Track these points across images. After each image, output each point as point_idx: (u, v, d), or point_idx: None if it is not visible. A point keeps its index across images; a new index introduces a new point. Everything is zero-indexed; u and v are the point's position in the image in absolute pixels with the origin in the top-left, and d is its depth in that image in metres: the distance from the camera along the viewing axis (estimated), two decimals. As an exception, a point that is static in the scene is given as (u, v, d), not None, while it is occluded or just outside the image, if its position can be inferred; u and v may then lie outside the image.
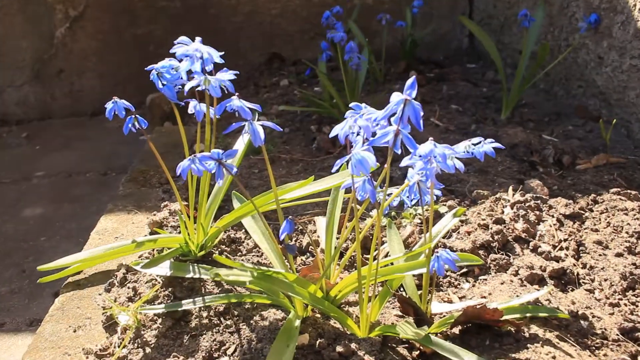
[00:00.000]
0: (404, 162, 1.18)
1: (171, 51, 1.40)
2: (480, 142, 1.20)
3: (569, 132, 2.76)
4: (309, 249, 1.79)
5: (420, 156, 1.10)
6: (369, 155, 1.10)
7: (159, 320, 1.42)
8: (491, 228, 1.78)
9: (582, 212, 1.91)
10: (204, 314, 1.44)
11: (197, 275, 1.46)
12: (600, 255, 1.69)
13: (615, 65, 2.67)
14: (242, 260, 1.72)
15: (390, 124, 1.10)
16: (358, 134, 1.27)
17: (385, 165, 1.14)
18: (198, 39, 1.40)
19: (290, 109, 3.01)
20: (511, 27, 3.62)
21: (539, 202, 1.93)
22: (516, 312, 1.38)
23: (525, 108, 3.11)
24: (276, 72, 3.86)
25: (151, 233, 1.83)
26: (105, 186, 3.01)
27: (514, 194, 2.00)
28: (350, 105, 1.27)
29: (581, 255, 1.72)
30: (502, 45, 3.69)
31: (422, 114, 1.08)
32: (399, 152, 1.10)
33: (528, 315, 1.39)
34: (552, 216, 1.88)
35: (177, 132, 2.36)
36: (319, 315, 1.44)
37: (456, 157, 1.17)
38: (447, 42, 4.19)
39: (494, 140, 1.21)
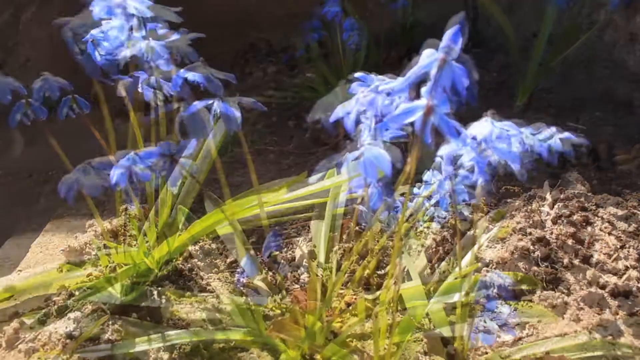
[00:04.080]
0: (444, 150, 0.81)
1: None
2: (553, 136, 0.85)
3: (597, 119, 2.42)
4: (304, 263, 1.44)
5: (473, 139, 0.73)
6: (382, 154, 0.71)
7: (104, 367, 1.06)
8: (530, 233, 1.43)
9: (636, 212, 1.57)
10: (165, 357, 1.07)
11: (155, 304, 1.10)
12: (670, 267, 1.35)
13: (652, 42, 2.34)
14: (219, 279, 1.36)
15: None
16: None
17: (409, 160, 0.76)
18: None
19: (280, 95, 2.66)
20: (522, 6, 3.28)
21: (582, 199, 1.58)
22: (583, 349, 1.03)
23: (543, 94, 2.77)
24: (263, 58, 3.50)
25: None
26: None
27: (551, 191, 1.65)
28: (356, 75, 0.92)
29: (645, 267, 1.37)
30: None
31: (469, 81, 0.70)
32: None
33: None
34: (602, 218, 1.53)
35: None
36: (319, 358, 1.08)
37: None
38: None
39: (571, 135, 0.86)
